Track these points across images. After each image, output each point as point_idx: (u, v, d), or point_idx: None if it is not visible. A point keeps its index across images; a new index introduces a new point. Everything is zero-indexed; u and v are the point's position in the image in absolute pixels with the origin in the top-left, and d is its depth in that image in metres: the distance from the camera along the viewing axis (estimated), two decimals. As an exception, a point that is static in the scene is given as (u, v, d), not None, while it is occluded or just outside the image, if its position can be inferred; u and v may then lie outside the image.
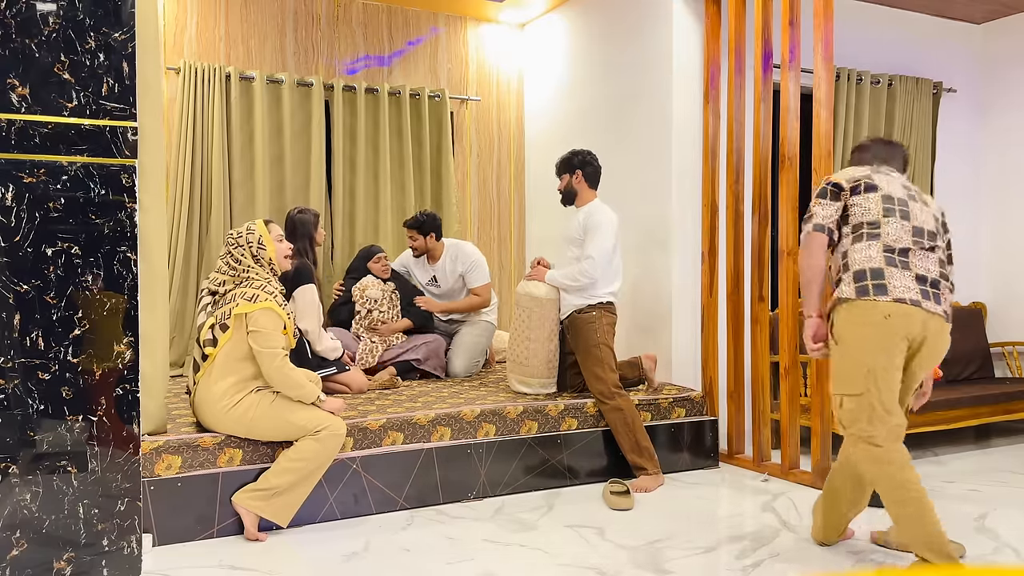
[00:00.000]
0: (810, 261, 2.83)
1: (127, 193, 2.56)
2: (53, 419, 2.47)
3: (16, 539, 2.43)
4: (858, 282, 2.72)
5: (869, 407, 2.66)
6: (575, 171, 4.05)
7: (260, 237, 3.32)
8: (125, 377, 2.56)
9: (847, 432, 2.74)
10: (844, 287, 2.76)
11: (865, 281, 2.71)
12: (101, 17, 2.53)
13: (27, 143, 2.44)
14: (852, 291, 2.72)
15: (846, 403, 2.72)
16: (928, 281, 2.72)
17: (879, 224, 2.77)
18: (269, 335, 3.12)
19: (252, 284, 3.25)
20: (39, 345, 2.46)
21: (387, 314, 4.58)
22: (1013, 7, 5.34)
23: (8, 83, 2.42)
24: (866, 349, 2.67)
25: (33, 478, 2.45)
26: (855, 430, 2.69)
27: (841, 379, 2.74)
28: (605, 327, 3.93)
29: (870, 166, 2.96)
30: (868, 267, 2.72)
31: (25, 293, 2.44)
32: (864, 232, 2.78)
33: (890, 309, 2.65)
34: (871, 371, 2.65)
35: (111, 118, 2.54)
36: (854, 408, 2.69)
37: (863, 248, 2.76)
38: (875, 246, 2.75)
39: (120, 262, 2.55)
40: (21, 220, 2.44)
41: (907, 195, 2.85)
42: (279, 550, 3.00)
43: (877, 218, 2.78)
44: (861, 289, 2.70)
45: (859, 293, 2.71)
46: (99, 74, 2.52)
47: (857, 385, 2.67)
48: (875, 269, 2.71)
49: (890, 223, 2.76)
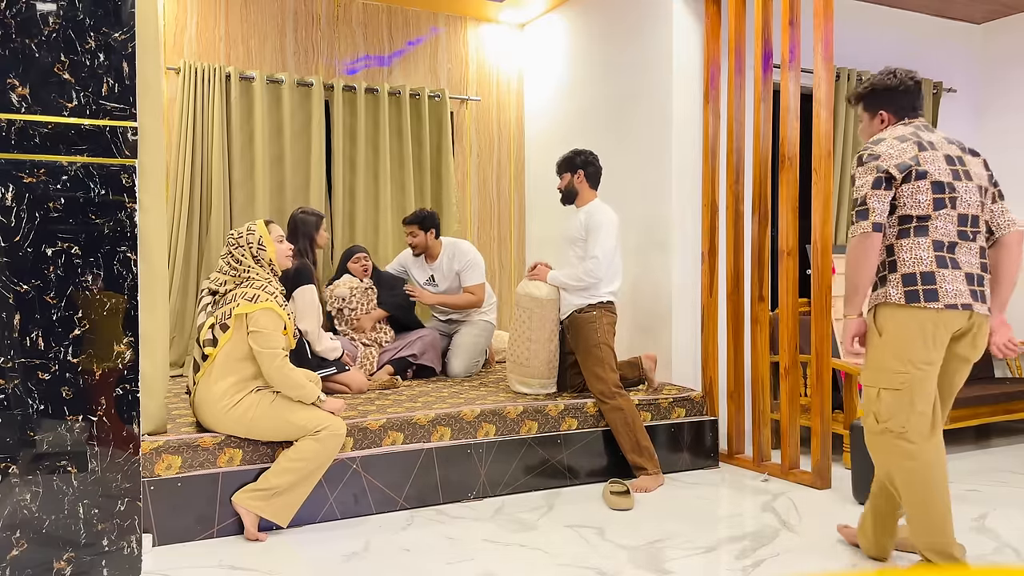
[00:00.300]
0: (867, 264, 2.65)
1: (127, 193, 2.56)
2: (53, 419, 2.47)
3: (16, 539, 2.43)
4: (907, 286, 2.61)
5: (908, 403, 2.60)
6: (577, 171, 4.05)
7: (260, 238, 3.32)
8: (125, 377, 2.56)
9: (882, 426, 2.65)
10: (891, 290, 2.64)
11: (915, 286, 2.60)
12: (101, 17, 2.53)
13: (27, 143, 2.44)
14: (900, 295, 2.62)
15: (884, 396, 2.64)
16: (975, 279, 2.63)
17: (929, 218, 2.62)
18: (269, 335, 3.12)
19: (253, 284, 3.25)
20: (39, 345, 2.46)
21: (359, 310, 4.57)
22: (1013, 7, 5.34)
23: (8, 83, 2.42)
24: (910, 345, 2.60)
25: (33, 478, 2.45)
26: (892, 424, 2.62)
27: (881, 372, 2.65)
28: (605, 327, 3.93)
29: (913, 132, 2.73)
30: (919, 270, 2.60)
31: (25, 293, 2.44)
32: (912, 227, 2.63)
33: (941, 316, 2.58)
34: (913, 366, 2.59)
35: (111, 118, 2.54)
36: (892, 403, 2.62)
37: (911, 246, 2.63)
38: (924, 243, 2.61)
39: (120, 262, 2.55)
40: (21, 220, 2.44)
41: (951, 173, 2.65)
42: (279, 550, 3.00)
43: (927, 211, 2.62)
44: (911, 294, 2.60)
45: (909, 299, 2.60)
46: (99, 74, 2.52)
47: (898, 379, 2.61)
48: (926, 273, 2.60)
49: (939, 216, 2.62)
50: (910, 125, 2.78)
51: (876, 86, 2.84)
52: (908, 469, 2.62)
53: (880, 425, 2.66)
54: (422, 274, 4.92)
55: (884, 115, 2.84)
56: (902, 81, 2.81)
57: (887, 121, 2.83)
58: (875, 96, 2.85)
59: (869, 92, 2.86)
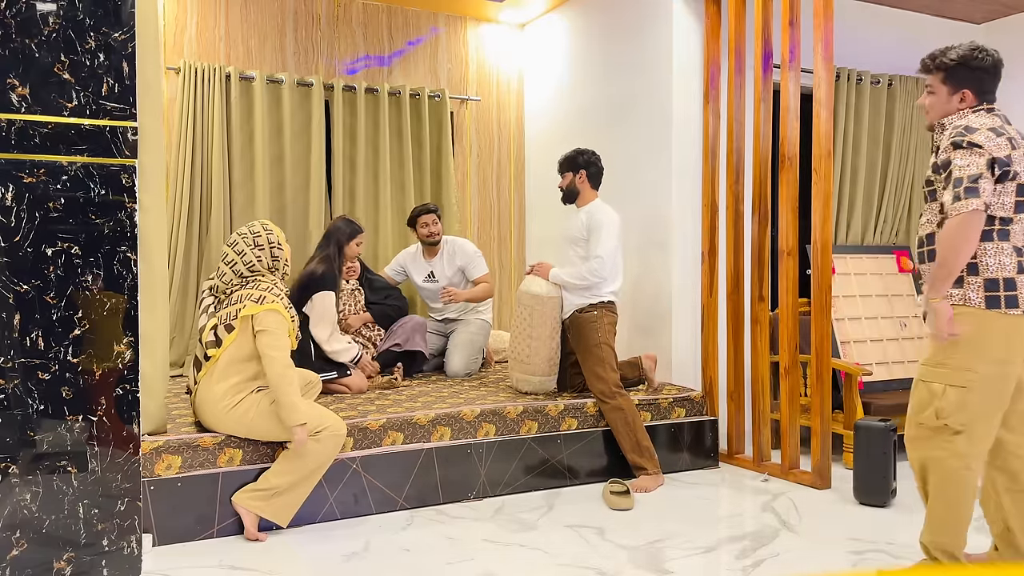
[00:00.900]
0: (968, 246, 2.47)
1: (127, 193, 2.56)
2: (53, 419, 2.47)
3: (16, 539, 2.43)
4: (989, 291, 2.52)
5: (976, 402, 2.52)
6: (579, 170, 4.05)
7: (279, 239, 3.34)
8: (125, 377, 2.56)
9: (941, 422, 2.55)
10: (971, 293, 2.54)
11: (997, 292, 2.51)
12: (101, 17, 2.53)
13: (27, 143, 2.44)
14: (981, 300, 2.52)
15: (950, 393, 2.54)
16: None
17: (1011, 221, 2.52)
18: (278, 336, 3.12)
19: (259, 286, 3.24)
20: (39, 345, 2.46)
21: (347, 311, 4.57)
22: (1013, 7, 5.34)
23: (8, 83, 2.42)
24: (986, 346, 2.52)
25: (33, 478, 2.45)
26: (952, 421, 2.53)
27: (950, 369, 2.55)
28: (606, 326, 3.93)
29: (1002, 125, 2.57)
30: (1002, 276, 2.51)
31: (25, 293, 2.44)
32: (996, 230, 2.52)
33: (1020, 323, 2.52)
34: (986, 365, 2.52)
35: (111, 118, 2.54)
36: (957, 400, 2.53)
37: (995, 251, 2.52)
38: (1007, 249, 2.52)
39: (120, 262, 2.55)
40: (21, 220, 2.44)
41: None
42: (279, 550, 3.00)
43: (1010, 214, 2.51)
44: (992, 300, 2.52)
45: (989, 304, 2.52)
46: (99, 74, 2.52)
47: (967, 377, 2.52)
48: (1008, 279, 2.51)
49: (1020, 220, 2.52)
50: (995, 115, 2.60)
51: (968, 61, 2.61)
52: (951, 468, 2.55)
53: (939, 421, 2.56)
54: (421, 271, 4.92)
55: (967, 94, 2.62)
56: (996, 62, 2.62)
57: (968, 102, 2.63)
58: (963, 71, 2.62)
59: (958, 65, 2.62)
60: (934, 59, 2.68)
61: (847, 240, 5.15)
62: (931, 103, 2.70)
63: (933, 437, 2.59)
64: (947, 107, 2.66)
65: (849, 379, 4.11)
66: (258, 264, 3.29)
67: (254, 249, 3.30)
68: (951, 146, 2.52)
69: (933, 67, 2.68)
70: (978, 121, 2.55)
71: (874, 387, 4.69)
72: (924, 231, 2.68)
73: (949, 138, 2.54)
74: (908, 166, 5.32)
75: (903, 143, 5.31)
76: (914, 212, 5.37)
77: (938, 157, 2.59)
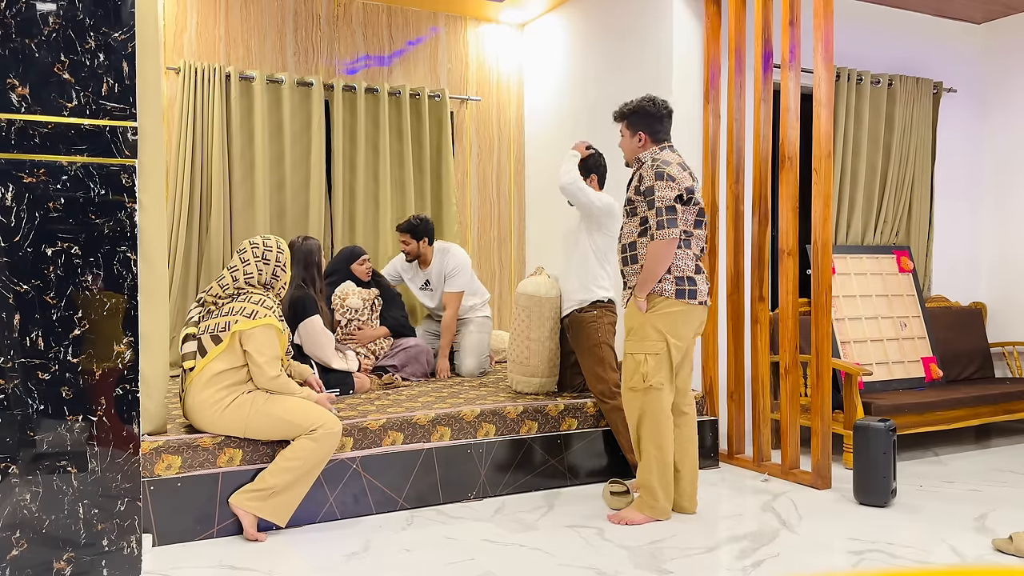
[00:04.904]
0: (668, 261, 3.19)
1: (127, 193, 2.56)
2: (53, 419, 2.47)
3: (16, 539, 2.43)
4: (679, 286, 3.22)
5: (667, 369, 3.23)
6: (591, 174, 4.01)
7: (286, 261, 3.35)
8: (125, 377, 2.56)
9: (647, 383, 3.21)
10: (666, 286, 3.21)
11: (684, 286, 3.22)
12: (101, 17, 2.53)
13: (27, 143, 2.44)
14: (672, 291, 3.21)
15: (651, 360, 3.21)
16: None
17: (691, 235, 3.25)
18: (270, 348, 3.12)
19: (250, 299, 3.22)
20: (39, 345, 2.46)
21: (366, 322, 4.55)
22: (1013, 7, 5.34)
23: (8, 83, 2.42)
24: (672, 326, 3.22)
25: (33, 478, 2.45)
26: (654, 381, 3.20)
27: (649, 341, 3.22)
28: (606, 326, 3.93)
29: (681, 157, 3.32)
30: (686, 275, 3.23)
31: (25, 293, 2.44)
32: (682, 239, 3.20)
33: (695, 309, 3.26)
34: (672, 342, 3.22)
35: (111, 118, 2.54)
36: (654, 365, 3.22)
37: (683, 255, 3.22)
38: (689, 254, 3.23)
39: (120, 262, 2.55)
40: (21, 220, 2.44)
41: None
42: (279, 550, 3.00)
43: (691, 229, 3.24)
44: (680, 292, 3.21)
45: (678, 295, 3.21)
46: (99, 74, 2.53)
47: (658, 347, 3.21)
48: (689, 277, 3.24)
49: (696, 235, 3.26)
50: (677, 152, 3.33)
51: (639, 110, 3.37)
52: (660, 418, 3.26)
53: (646, 383, 3.24)
54: (417, 280, 4.93)
55: (643, 136, 3.37)
56: (663, 109, 3.37)
57: (645, 142, 3.37)
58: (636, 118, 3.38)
59: (632, 113, 3.38)
60: (619, 109, 3.44)
61: (847, 240, 5.15)
62: (621, 144, 3.46)
63: (643, 396, 3.25)
64: (632, 146, 3.40)
65: (849, 379, 4.11)
66: (257, 277, 3.27)
67: (259, 262, 3.28)
68: (654, 175, 3.19)
69: (618, 116, 3.45)
70: (671, 157, 3.26)
71: (874, 387, 4.69)
72: (627, 240, 3.34)
73: (652, 168, 3.21)
74: (908, 166, 5.32)
75: (903, 143, 5.31)
76: (914, 212, 5.37)
77: (642, 184, 3.24)
